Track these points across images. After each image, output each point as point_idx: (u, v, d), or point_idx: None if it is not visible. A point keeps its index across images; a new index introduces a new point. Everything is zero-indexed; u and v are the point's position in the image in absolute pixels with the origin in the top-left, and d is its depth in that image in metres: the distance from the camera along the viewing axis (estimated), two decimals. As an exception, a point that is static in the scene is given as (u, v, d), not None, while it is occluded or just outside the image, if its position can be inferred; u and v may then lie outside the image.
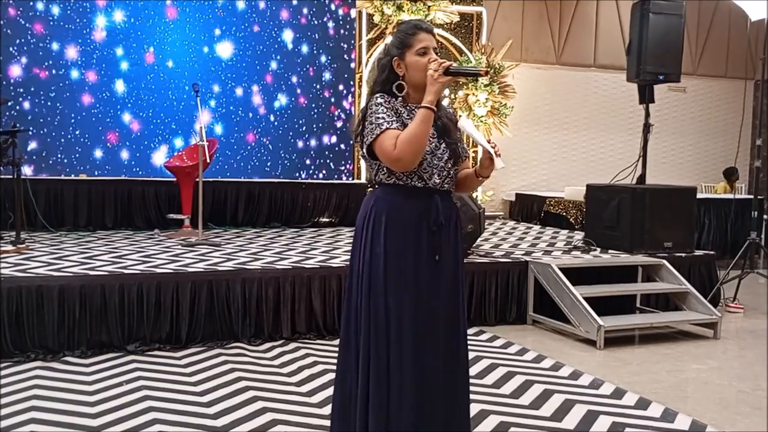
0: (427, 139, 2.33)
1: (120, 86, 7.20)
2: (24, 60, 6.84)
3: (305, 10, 8.01)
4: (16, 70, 6.82)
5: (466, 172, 2.54)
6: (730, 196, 9.12)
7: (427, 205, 2.39)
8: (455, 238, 2.47)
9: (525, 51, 9.97)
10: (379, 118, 2.34)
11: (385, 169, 2.40)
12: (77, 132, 7.06)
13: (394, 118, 2.35)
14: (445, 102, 2.63)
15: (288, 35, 7.94)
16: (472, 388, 3.87)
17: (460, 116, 2.45)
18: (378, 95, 2.41)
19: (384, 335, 2.37)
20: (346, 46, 8.41)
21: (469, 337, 5.03)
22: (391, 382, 2.36)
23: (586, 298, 5.10)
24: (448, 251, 2.44)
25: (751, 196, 7.03)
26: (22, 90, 6.83)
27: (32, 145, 6.88)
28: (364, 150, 2.38)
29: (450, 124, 2.45)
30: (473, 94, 9.15)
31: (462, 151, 2.49)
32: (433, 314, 2.40)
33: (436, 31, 2.52)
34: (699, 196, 7.12)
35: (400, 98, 2.41)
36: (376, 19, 8.68)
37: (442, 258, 2.41)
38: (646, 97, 6.51)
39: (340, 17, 8.31)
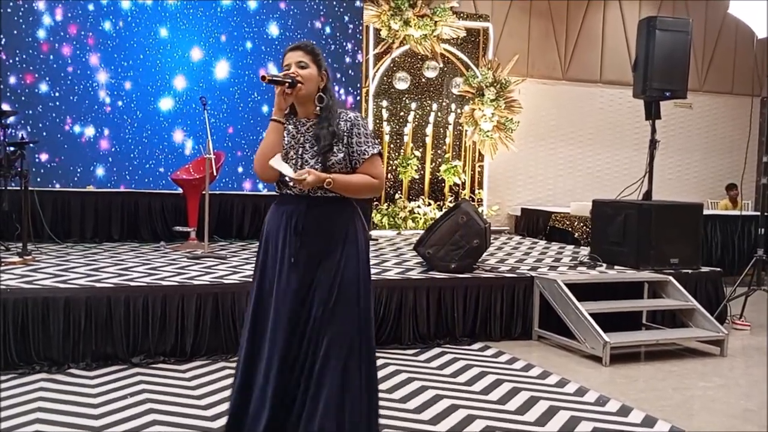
0: (277, 148, 2.59)
1: (127, 98, 7.23)
2: (30, 71, 6.87)
3: (312, 23, 8.05)
4: (22, 81, 6.85)
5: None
6: (736, 212, 9.10)
7: (291, 211, 2.61)
8: (325, 243, 2.60)
9: (531, 66, 10.00)
10: None
11: None
12: (84, 143, 7.09)
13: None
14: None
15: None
16: (476, 404, 3.88)
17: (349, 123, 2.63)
18: None
19: (250, 330, 2.66)
20: (353, 60, 8.43)
21: (474, 353, 5.03)
22: (248, 371, 2.63)
23: (591, 314, 5.08)
24: (316, 255, 2.58)
25: (758, 213, 7.01)
26: (28, 101, 6.85)
27: (40, 156, 6.91)
28: None
29: (325, 133, 2.59)
30: (479, 108, 9.18)
31: (357, 155, 2.62)
32: (291, 314, 2.56)
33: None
34: (705, 212, 7.10)
35: (292, 115, 2.70)
36: (383, 34, 8.73)
37: (302, 261, 2.57)
38: (652, 113, 6.51)
39: (348, 31, 8.33)
